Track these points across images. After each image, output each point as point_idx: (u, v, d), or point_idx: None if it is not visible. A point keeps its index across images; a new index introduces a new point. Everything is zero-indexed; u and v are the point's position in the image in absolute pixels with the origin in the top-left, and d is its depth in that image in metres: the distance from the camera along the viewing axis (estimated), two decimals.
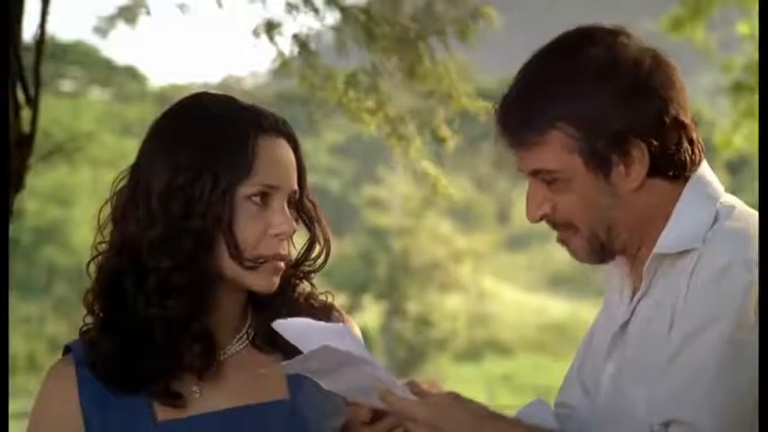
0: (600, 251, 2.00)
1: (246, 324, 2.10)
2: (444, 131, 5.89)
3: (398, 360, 37.74)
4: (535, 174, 1.99)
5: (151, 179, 2.01)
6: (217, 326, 2.05)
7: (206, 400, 2.03)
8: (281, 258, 2.03)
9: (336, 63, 6.07)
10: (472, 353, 38.73)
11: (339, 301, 2.19)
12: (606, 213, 1.97)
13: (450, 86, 5.83)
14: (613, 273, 2.09)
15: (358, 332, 2.17)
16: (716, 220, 1.95)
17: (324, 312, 2.13)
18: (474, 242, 40.55)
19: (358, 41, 5.92)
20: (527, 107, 1.96)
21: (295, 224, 2.04)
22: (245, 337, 2.09)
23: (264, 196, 2.01)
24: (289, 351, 2.04)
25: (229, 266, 2.01)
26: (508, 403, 26.03)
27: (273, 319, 2.07)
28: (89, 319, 2.06)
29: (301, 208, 2.09)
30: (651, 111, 1.94)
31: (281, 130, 2.06)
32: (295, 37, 5.98)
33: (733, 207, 1.99)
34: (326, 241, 2.13)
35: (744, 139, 11.53)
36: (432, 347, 38.94)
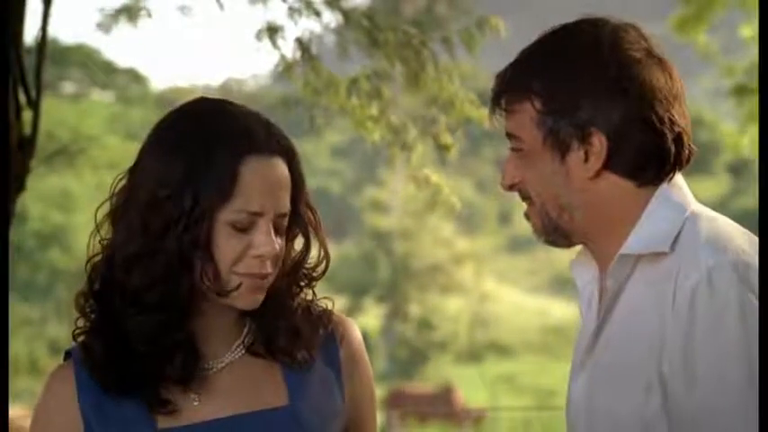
0: (553, 231, 2.03)
1: (244, 332, 2.07)
2: (447, 139, 5.88)
3: (400, 362, 37.76)
4: (509, 139, 2.04)
5: (140, 188, 1.99)
6: (205, 336, 2.03)
7: (205, 408, 2.02)
8: (261, 277, 1.99)
9: (338, 66, 6.06)
10: (473, 354, 38.75)
11: (340, 303, 2.16)
12: (558, 193, 1.99)
13: (453, 94, 5.83)
14: (581, 278, 2.10)
15: (358, 334, 2.16)
16: (684, 226, 1.95)
17: (322, 321, 2.10)
18: (475, 244, 40.58)
19: (360, 46, 5.92)
20: (513, 76, 2.03)
21: (278, 246, 1.99)
22: (241, 345, 2.07)
23: (246, 221, 1.96)
24: (286, 358, 2.06)
25: (206, 287, 1.98)
26: (509, 404, 26.03)
27: (270, 327, 2.06)
28: (81, 323, 2.04)
29: (296, 221, 2.05)
30: (619, 110, 1.94)
31: (275, 147, 2.00)
32: (298, 41, 5.98)
33: (702, 214, 1.98)
34: (325, 248, 2.09)
35: (749, 142, 11.54)
36: (433, 349, 38.96)
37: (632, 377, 1.92)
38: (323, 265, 2.10)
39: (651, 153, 1.96)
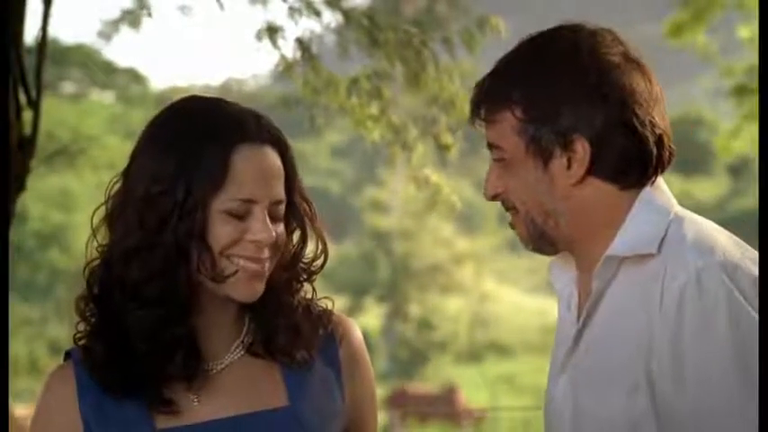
0: (539, 238, 2.03)
1: (243, 332, 2.08)
2: (447, 139, 5.89)
3: (400, 362, 37.74)
4: (490, 149, 2.04)
5: (134, 187, 2.00)
6: (205, 334, 2.04)
7: (205, 408, 2.02)
8: (257, 261, 1.99)
9: (339, 66, 6.07)
10: (473, 354, 38.73)
11: (340, 303, 2.16)
12: (543, 200, 1.99)
13: (454, 94, 5.83)
14: (560, 280, 2.11)
15: (358, 334, 2.16)
16: (669, 228, 1.96)
17: (321, 320, 2.11)
18: (475, 244, 40.58)
19: (360, 46, 5.92)
20: (491, 86, 2.03)
21: (275, 233, 1.99)
22: (241, 345, 2.07)
23: (241, 209, 1.97)
24: (288, 357, 2.06)
25: (204, 278, 1.99)
26: (509, 404, 26.03)
27: (269, 325, 2.06)
28: (81, 326, 2.05)
29: (292, 211, 2.06)
30: (601, 115, 1.95)
31: (266, 137, 2.02)
32: (298, 41, 5.98)
33: (686, 217, 1.99)
34: (322, 240, 2.10)
35: (748, 142, 11.53)
36: (433, 349, 38.94)
37: (618, 378, 1.92)
38: (321, 259, 2.10)
39: (634, 156, 1.96)
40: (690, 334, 1.85)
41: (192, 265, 1.97)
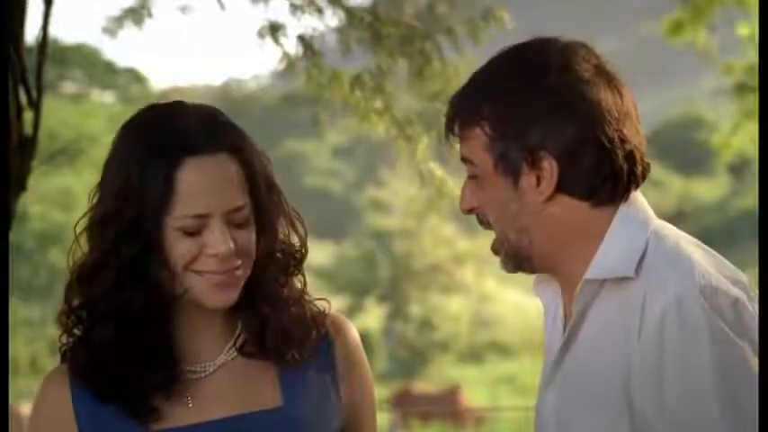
0: (515, 256, 2.01)
1: (236, 333, 2.07)
2: None
3: (401, 362, 37.76)
4: (464, 164, 2.03)
5: (99, 202, 2.00)
6: (191, 338, 2.03)
7: (199, 410, 2.02)
8: (221, 273, 1.96)
9: (340, 64, 6.06)
10: (474, 354, 38.75)
11: (341, 303, 2.15)
12: (515, 217, 1.98)
13: (458, 87, 5.82)
14: (545, 294, 2.09)
15: (355, 334, 2.15)
16: (647, 247, 1.93)
17: (317, 321, 2.09)
18: (476, 244, 40.55)
19: (363, 42, 5.91)
20: (463, 101, 2.03)
21: (232, 245, 1.95)
22: (233, 347, 2.06)
23: (195, 224, 1.95)
24: (279, 357, 2.05)
25: (166, 290, 1.98)
26: (510, 404, 26.04)
27: (262, 326, 2.05)
28: (64, 338, 2.06)
29: (260, 210, 2.01)
30: (568, 132, 1.93)
31: (217, 145, 1.95)
32: (300, 38, 5.98)
33: (663, 233, 1.96)
34: (297, 232, 2.07)
35: (748, 141, 11.52)
36: (434, 349, 38.95)
37: (598, 404, 1.92)
38: (301, 248, 2.08)
39: (604, 173, 1.94)
40: (671, 364, 1.83)
41: (151, 281, 1.96)
